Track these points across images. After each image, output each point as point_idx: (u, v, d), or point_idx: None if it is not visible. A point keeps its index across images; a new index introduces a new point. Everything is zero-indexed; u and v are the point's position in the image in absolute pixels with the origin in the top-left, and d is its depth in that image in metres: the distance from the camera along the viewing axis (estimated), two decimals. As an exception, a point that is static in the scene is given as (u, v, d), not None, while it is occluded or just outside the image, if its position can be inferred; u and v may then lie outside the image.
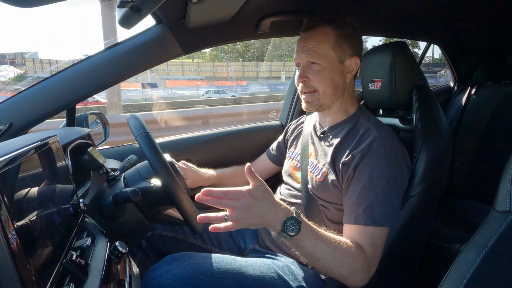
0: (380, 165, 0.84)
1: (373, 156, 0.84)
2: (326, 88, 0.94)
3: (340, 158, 0.90)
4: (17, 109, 0.91)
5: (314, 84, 0.94)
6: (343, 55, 0.93)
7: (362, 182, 0.83)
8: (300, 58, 0.95)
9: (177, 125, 5.25)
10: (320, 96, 0.95)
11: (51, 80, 0.95)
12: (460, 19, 1.36)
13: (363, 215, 0.81)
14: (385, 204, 0.82)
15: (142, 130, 0.81)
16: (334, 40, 0.92)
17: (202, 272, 0.81)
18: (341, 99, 0.98)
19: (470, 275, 0.52)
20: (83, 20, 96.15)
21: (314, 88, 0.94)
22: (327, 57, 0.92)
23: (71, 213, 0.63)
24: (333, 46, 0.92)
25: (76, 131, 0.99)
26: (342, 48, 0.93)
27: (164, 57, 1.06)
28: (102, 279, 0.55)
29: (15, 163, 0.46)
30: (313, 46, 0.92)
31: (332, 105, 0.98)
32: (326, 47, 0.92)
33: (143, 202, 0.84)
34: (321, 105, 0.96)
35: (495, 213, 0.58)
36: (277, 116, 1.78)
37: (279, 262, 0.93)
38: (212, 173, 1.25)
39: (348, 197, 0.85)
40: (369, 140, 0.87)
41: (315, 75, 0.93)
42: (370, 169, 0.84)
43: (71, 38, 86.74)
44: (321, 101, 0.95)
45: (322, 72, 0.93)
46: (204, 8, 0.87)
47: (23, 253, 0.41)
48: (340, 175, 0.89)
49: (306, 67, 0.95)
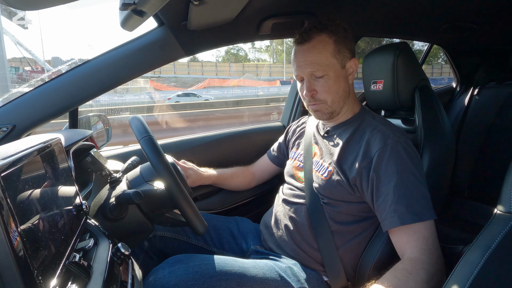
0: (403, 161, 0.83)
1: (394, 153, 0.83)
2: (335, 97, 0.93)
3: (350, 157, 0.90)
4: (20, 111, 0.92)
5: (322, 97, 0.93)
6: (344, 59, 0.92)
7: (392, 181, 0.81)
8: (302, 72, 0.93)
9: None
10: (329, 106, 0.94)
11: (53, 82, 0.95)
12: (462, 20, 1.35)
13: (407, 213, 0.78)
14: (422, 198, 0.80)
15: (145, 134, 0.81)
16: (333, 47, 0.90)
17: (204, 274, 0.81)
18: (348, 102, 0.98)
19: (474, 276, 0.52)
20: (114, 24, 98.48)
21: (323, 100, 0.94)
22: (330, 66, 0.91)
23: (74, 214, 0.63)
24: (333, 53, 0.90)
25: (79, 133, 0.99)
26: (342, 53, 0.92)
27: (166, 59, 1.07)
28: (104, 280, 0.55)
29: (18, 165, 0.46)
30: (314, 58, 0.90)
31: (341, 110, 0.98)
32: (327, 56, 0.90)
33: (146, 204, 0.84)
34: (332, 112, 0.96)
35: (498, 214, 0.58)
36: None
37: (281, 263, 0.93)
38: (213, 172, 1.26)
39: (383, 199, 0.82)
40: (382, 138, 0.86)
41: (322, 87, 0.92)
42: (396, 166, 0.82)
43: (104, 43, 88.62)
44: (331, 109, 0.95)
45: (328, 82, 0.91)
46: (205, 10, 0.87)
47: (26, 254, 0.41)
48: (353, 176, 0.87)
49: (311, 80, 0.93)
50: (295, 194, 1.02)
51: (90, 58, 1.00)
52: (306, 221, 0.95)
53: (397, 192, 0.80)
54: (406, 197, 0.79)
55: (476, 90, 1.77)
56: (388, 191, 0.81)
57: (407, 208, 0.78)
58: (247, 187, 1.34)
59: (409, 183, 0.81)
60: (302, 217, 0.96)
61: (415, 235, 0.77)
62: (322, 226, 0.92)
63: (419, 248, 0.76)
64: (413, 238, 0.77)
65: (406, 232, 0.79)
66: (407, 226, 0.78)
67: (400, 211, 0.79)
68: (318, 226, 0.93)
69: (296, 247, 0.96)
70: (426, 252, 0.75)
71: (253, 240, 1.10)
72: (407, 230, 0.78)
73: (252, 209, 1.49)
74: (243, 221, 1.19)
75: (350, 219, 0.92)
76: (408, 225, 0.78)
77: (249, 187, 1.35)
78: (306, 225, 0.95)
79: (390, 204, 0.80)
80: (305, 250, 0.95)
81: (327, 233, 0.92)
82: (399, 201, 0.79)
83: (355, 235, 0.92)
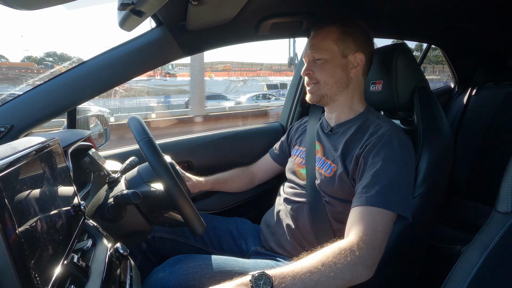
0: (394, 152, 0.84)
1: (387, 144, 0.85)
2: (327, 79, 0.98)
3: (352, 152, 0.91)
4: (18, 111, 0.91)
5: (317, 76, 0.99)
6: (346, 50, 0.97)
7: (375, 167, 0.82)
8: (307, 55, 1.02)
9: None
10: (321, 86, 0.99)
11: (52, 82, 0.95)
12: (460, 20, 1.36)
13: (375, 196, 0.78)
14: (398, 189, 0.80)
15: (144, 135, 0.80)
16: (337, 36, 0.97)
17: (205, 274, 0.81)
18: (346, 94, 1.00)
19: (472, 276, 0.52)
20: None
21: (316, 80, 1.00)
22: (329, 51, 0.97)
23: (72, 215, 0.63)
24: (335, 41, 0.97)
25: (77, 133, 0.99)
26: (345, 43, 0.97)
27: (164, 59, 1.07)
28: (103, 281, 0.55)
29: (16, 165, 0.46)
30: (317, 42, 0.99)
31: (335, 98, 1.00)
32: (329, 42, 0.97)
33: (144, 205, 0.84)
34: (323, 95, 1.00)
35: (496, 214, 0.58)
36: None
37: (282, 264, 0.93)
38: (210, 178, 1.24)
39: (361, 182, 0.83)
40: (381, 132, 0.89)
41: (318, 68, 0.99)
42: (384, 155, 0.83)
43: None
44: (322, 91, 0.99)
45: (324, 65, 0.98)
46: (204, 10, 0.87)
47: (24, 255, 0.41)
48: (351, 168, 0.89)
49: (311, 62, 1.01)
50: (296, 193, 1.02)
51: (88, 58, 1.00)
52: (308, 220, 0.95)
53: (375, 177, 0.81)
54: (381, 183, 0.79)
55: (474, 90, 1.78)
56: (367, 175, 0.83)
57: (377, 192, 0.78)
58: (249, 187, 1.33)
59: (391, 172, 0.81)
60: (304, 216, 0.96)
61: (369, 218, 0.75)
62: (324, 224, 0.92)
63: (364, 231, 0.73)
64: (365, 221, 0.75)
65: (363, 213, 0.77)
66: (368, 207, 0.77)
67: (370, 193, 0.79)
68: (320, 224, 0.93)
69: (298, 246, 0.96)
70: (368, 236, 0.72)
71: (253, 241, 1.09)
72: (366, 211, 0.77)
73: (251, 209, 1.48)
74: (242, 221, 1.18)
75: None
76: (369, 208, 0.77)
77: (251, 187, 1.34)
78: (308, 224, 0.95)
79: (364, 186, 0.81)
80: (306, 249, 0.95)
81: (328, 232, 0.92)
82: (372, 185, 0.80)
83: None
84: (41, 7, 0.57)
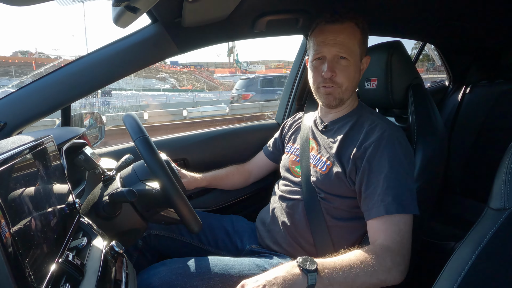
0: (396, 153, 0.85)
1: (388, 145, 0.85)
2: (349, 85, 0.95)
3: (348, 150, 0.91)
4: (11, 108, 0.90)
5: (340, 80, 0.93)
6: (362, 53, 0.96)
7: (383, 172, 0.83)
8: (328, 51, 0.92)
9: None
10: (342, 91, 0.95)
11: (45, 79, 0.94)
12: (454, 19, 1.36)
13: (393, 203, 0.79)
14: (408, 190, 0.82)
15: (140, 134, 0.80)
16: (360, 36, 0.94)
17: (187, 274, 0.82)
18: (353, 95, 1.00)
19: (465, 272, 0.53)
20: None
21: (339, 84, 0.94)
22: (354, 53, 0.93)
23: (67, 213, 0.63)
24: (359, 43, 0.93)
25: (71, 131, 0.98)
26: (364, 46, 0.96)
27: (159, 56, 1.06)
28: (98, 279, 0.55)
29: (9, 163, 0.45)
30: (344, 40, 0.91)
31: (346, 102, 1.00)
32: (355, 43, 0.93)
33: (139, 202, 0.84)
34: (341, 99, 0.97)
35: (489, 210, 0.58)
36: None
37: (273, 260, 0.93)
38: (207, 174, 1.25)
39: (373, 189, 0.83)
40: (379, 131, 0.88)
41: (342, 71, 0.92)
42: (389, 158, 0.84)
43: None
44: (341, 95, 0.96)
45: (349, 68, 0.93)
46: (199, 7, 0.87)
47: (18, 253, 0.41)
48: (349, 169, 0.89)
49: (333, 61, 0.93)
50: (291, 190, 1.03)
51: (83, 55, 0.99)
52: (303, 217, 0.96)
53: (386, 183, 0.82)
54: (394, 188, 0.81)
55: (469, 88, 1.79)
56: (378, 182, 0.83)
57: (394, 198, 0.80)
58: (244, 184, 1.34)
59: (399, 175, 0.82)
60: (299, 213, 0.97)
61: (393, 226, 0.79)
62: (319, 221, 0.93)
63: (393, 239, 0.77)
64: (391, 229, 0.79)
65: (386, 222, 0.80)
66: (389, 216, 0.79)
67: (387, 201, 0.80)
68: (315, 221, 0.93)
69: (293, 242, 0.97)
70: (398, 244, 0.77)
71: (249, 239, 1.09)
72: (388, 220, 0.80)
73: (247, 207, 1.49)
74: (238, 219, 1.19)
75: (346, 215, 0.92)
76: (390, 215, 0.79)
77: (246, 184, 1.34)
78: (303, 221, 0.95)
79: (379, 194, 0.82)
80: (301, 245, 0.96)
81: (323, 228, 0.92)
82: (387, 192, 0.81)
83: (351, 231, 0.92)
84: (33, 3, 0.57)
